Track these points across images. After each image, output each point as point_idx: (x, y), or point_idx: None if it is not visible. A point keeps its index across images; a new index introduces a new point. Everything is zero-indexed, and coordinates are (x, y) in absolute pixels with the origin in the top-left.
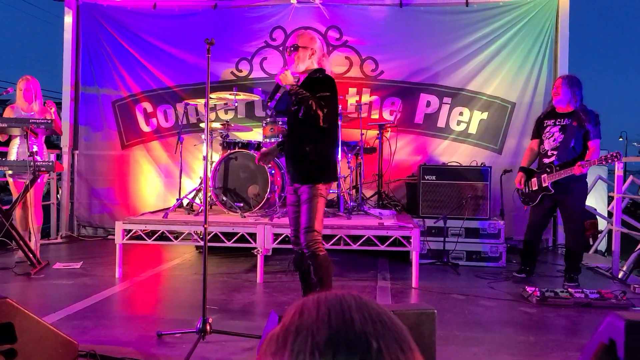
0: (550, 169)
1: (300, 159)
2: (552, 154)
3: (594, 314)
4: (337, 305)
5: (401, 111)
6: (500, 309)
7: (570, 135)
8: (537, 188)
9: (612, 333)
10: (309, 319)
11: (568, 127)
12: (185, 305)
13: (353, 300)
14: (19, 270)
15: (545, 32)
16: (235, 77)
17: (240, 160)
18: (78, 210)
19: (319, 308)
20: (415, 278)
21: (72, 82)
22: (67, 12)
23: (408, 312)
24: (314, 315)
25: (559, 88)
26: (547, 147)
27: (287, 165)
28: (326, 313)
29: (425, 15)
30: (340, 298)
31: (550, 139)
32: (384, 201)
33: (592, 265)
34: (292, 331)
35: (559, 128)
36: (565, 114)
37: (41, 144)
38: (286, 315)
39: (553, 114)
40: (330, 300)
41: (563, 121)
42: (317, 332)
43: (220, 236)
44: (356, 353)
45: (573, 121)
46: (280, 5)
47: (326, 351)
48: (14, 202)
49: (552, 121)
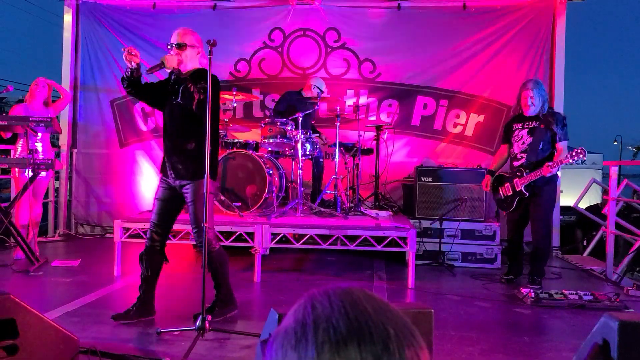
0: (521, 173)
1: (188, 154)
2: (521, 157)
3: (588, 315)
4: (348, 297)
5: (398, 113)
6: (495, 310)
7: (539, 138)
8: (511, 193)
9: (606, 333)
10: (325, 311)
11: (536, 130)
12: (184, 304)
13: (359, 292)
14: (17, 268)
15: (542, 35)
16: (233, 78)
17: (239, 160)
18: (76, 208)
19: (332, 301)
20: (411, 278)
21: (71, 81)
22: (67, 11)
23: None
24: (328, 307)
25: (532, 99)
26: (517, 150)
27: (169, 162)
28: (341, 305)
29: (423, 18)
30: (348, 290)
31: (519, 142)
32: (381, 202)
33: (586, 268)
34: (309, 324)
35: (528, 131)
36: (533, 117)
37: (45, 142)
38: (297, 310)
39: (521, 118)
40: (340, 293)
41: (531, 124)
42: (337, 324)
43: (219, 235)
44: (379, 340)
45: (541, 124)
46: (279, 6)
47: (350, 341)
48: (13, 200)
49: (520, 125)
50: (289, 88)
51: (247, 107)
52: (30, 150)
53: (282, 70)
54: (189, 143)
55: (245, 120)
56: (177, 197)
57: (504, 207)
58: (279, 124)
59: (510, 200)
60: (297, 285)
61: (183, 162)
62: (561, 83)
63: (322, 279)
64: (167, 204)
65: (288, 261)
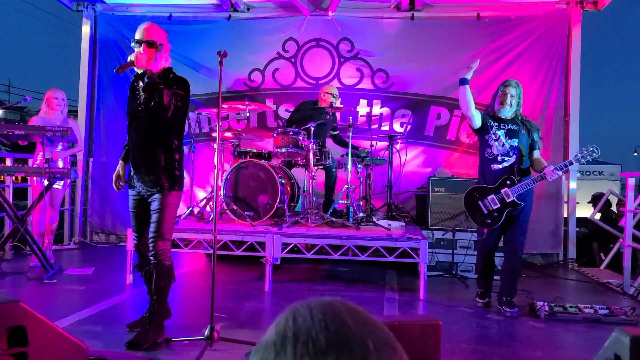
0: (512, 181)
1: (155, 165)
2: (503, 160)
3: (603, 330)
4: (329, 310)
5: (411, 123)
6: (508, 323)
7: (523, 143)
8: (499, 206)
9: (618, 349)
10: (306, 324)
11: (517, 133)
12: (193, 313)
13: (342, 305)
14: (32, 275)
15: (557, 45)
16: (247, 87)
17: (251, 170)
18: (91, 216)
19: (313, 314)
20: (422, 290)
21: (88, 90)
22: (85, 23)
23: (412, 323)
24: (310, 320)
25: (513, 97)
26: (497, 152)
27: (135, 172)
28: (321, 318)
29: (437, 28)
30: (330, 303)
31: (498, 142)
32: (393, 212)
33: (602, 281)
34: (290, 337)
35: (505, 132)
36: (507, 119)
37: (62, 151)
38: (278, 323)
39: (495, 118)
40: (322, 306)
41: (507, 126)
42: (317, 337)
43: (230, 244)
44: (358, 354)
45: (522, 129)
46: (292, 17)
47: (329, 354)
48: (29, 208)
49: (496, 124)
50: (303, 98)
51: (261, 116)
52: (47, 160)
53: (296, 80)
54: (155, 153)
55: (258, 129)
56: (147, 206)
57: (488, 223)
58: (291, 134)
59: (497, 215)
60: (308, 295)
61: (152, 174)
62: (577, 93)
63: (333, 289)
64: (141, 215)
65: (299, 271)
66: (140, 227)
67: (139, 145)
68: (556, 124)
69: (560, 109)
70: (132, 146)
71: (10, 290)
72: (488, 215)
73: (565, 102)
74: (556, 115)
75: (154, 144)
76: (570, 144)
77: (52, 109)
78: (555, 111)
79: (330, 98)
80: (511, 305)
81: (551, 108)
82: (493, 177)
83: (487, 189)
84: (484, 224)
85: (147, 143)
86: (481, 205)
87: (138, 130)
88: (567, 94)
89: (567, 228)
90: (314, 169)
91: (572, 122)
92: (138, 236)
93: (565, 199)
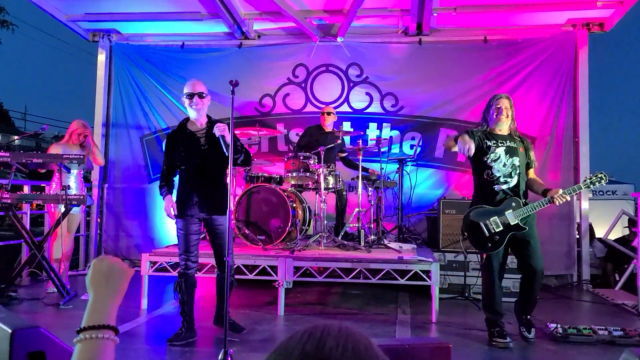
0: (517, 203)
1: (220, 192)
2: (505, 181)
3: (618, 352)
4: (318, 332)
5: (421, 145)
6: (521, 346)
7: (522, 161)
8: (502, 229)
9: None
10: (292, 342)
11: (516, 151)
12: (207, 337)
13: (337, 329)
14: (48, 301)
15: (564, 67)
16: (258, 113)
17: (263, 194)
18: (106, 242)
19: (304, 334)
20: (434, 312)
21: (104, 118)
22: (100, 52)
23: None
24: (297, 339)
25: (508, 110)
26: (498, 173)
27: (199, 198)
28: (306, 338)
29: (444, 52)
30: (326, 327)
31: (499, 162)
32: (405, 235)
33: (617, 302)
34: (273, 350)
35: (505, 150)
36: (504, 135)
37: (78, 178)
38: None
39: (490, 135)
40: (318, 328)
41: (506, 142)
42: (291, 354)
43: (242, 268)
44: None
45: (520, 147)
46: (302, 43)
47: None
48: (46, 234)
49: (493, 142)
50: (313, 122)
51: (272, 141)
52: (63, 187)
53: (306, 104)
54: (221, 182)
55: (269, 154)
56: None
57: (489, 247)
58: (301, 158)
59: (499, 239)
60: (320, 319)
61: (214, 198)
62: (586, 114)
63: (345, 312)
64: (197, 236)
65: (311, 294)
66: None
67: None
68: (566, 144)
69: (570, 130)
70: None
71: (27, 315)
72: (489, 239)
73: (575, 122)
74: (566, 136)
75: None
76: (580, 165)
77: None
78: (564, 132)
79: (325, 117)
80: (529, 326)
81: (560, 129)
82: (496, 199)
83: (490, 211)
84: (484, 247)
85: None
86: (482, 227)
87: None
88: (576, 114)
89: (581, 249)
90: (325, 193)
91: (582, 143)
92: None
93: (577, 220)
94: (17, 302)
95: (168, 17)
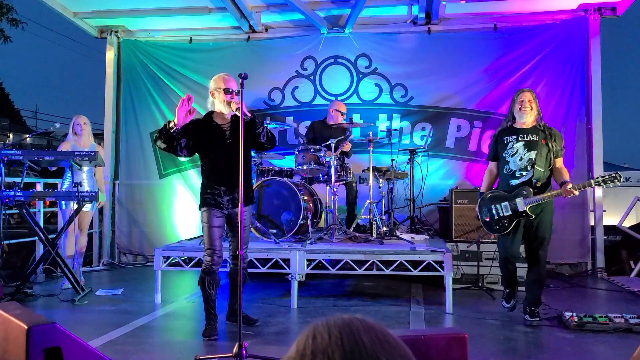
0: (528, 192)
1: (248, 183)
2: (521, 175)
3: (635, 340)
4: (347, 328)
5: (432, 136)
6: (536, 335)
7: (541, 153)
8: (510, 213)
9: None
10: (323, 343)
11: (536, 144)
12: (222, 330)
13: (360, 323)
14: (63, 297)
15: (576, 53)
16: (267, 106)
17: (274, 187)
18: (119, 238)
19: (331, 332)
20: (448, 303)
21: (114, 115)
22: (108, 49)
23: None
24: (327, 339)
25: (531, 102)
26: (514, 167)
27: (228, 191)
28: (338, 337)
29: (454, 41)
30: (348, 322)
31: (516, 157)
32: (417, 226)
33: (633, 289)
34: (308, 355)
35: (524, 144)
36: (527, 129)
37: (89, 175)
38: (299, 341)
39: (512, 130)
40: (340, 324)
41: (527, 137)
42: (333, 355)
43: (255, 262)
44: None
45: (541, 139)
46: (310, 35)
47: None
48: (60, 231)
49: (513, 137)
50: (323, 115)
51: (282, 134)
52: (75, 184)
53: (315, 97)
54: (249, 173)
55: (279, 147)
56: (223, 223)
57: (495, 229)
58: (311, 151)
59: (505, 223)
60: (334, 312)
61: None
62: (598, 100)
63: (359, 304)
64: (221, 230)
65: (324, 287)
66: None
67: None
68: (579, 132)
69: (583, 117)
70: (224, 170)
71: (43, 312)
72: (497, 222)
73: (588, 109)
74: (579, 123)
75: (249, 166)
76: (593, 152)
77: (78, 134)
78: (577, 119)
79: (339, 116)
80: (533, 315)
81: (573, 116)
82: (511, 189)
83: (502, 196)
84: (491, 229)
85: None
86: (493, 210)
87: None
88: (589, 101)
89: (595, 237)
90: (336, 185)
91: (594, 130)
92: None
93: (591, 207)
94: (32, 299)
95: (175, 12)
